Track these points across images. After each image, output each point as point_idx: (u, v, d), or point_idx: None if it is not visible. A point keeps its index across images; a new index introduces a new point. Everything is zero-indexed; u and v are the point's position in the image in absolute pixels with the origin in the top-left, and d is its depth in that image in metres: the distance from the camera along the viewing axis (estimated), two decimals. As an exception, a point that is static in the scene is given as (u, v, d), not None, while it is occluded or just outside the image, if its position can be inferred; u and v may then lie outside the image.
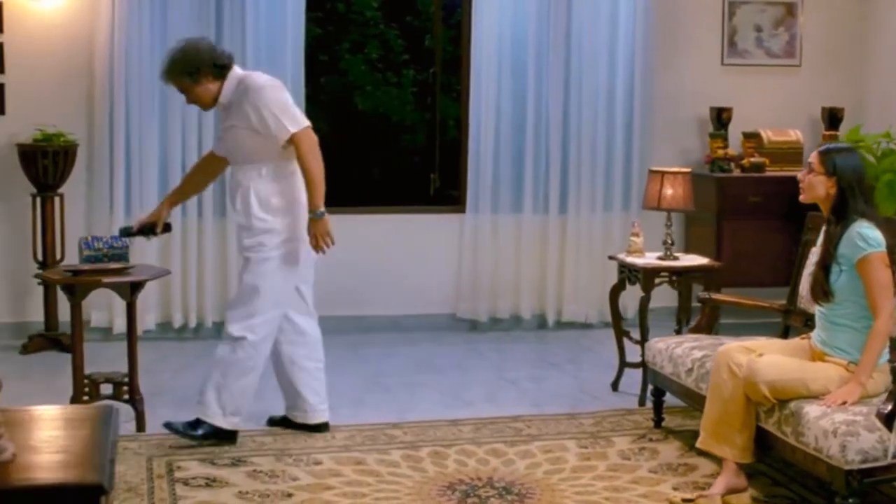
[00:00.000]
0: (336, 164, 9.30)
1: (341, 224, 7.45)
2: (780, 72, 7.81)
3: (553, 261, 7.58)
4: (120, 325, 7.11)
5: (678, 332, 5.97)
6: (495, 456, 5.00)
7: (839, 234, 4.44)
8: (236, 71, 5.14)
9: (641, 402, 5.79)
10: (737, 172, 7.37)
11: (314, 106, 9.07)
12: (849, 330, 4.44)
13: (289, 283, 5.19)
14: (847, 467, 4.05)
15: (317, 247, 5.13)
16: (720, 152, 7.32)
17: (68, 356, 6.53)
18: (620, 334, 6.12)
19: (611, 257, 6.31)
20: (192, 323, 7.25)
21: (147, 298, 7.05)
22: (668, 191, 5.92)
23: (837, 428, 4.08)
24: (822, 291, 4.46)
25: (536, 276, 7.60)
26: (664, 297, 6.55)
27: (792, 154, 7.49)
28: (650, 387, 5.49)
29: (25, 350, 6.80)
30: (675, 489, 4.63)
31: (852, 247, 4.38)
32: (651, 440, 5.24)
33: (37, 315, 6.97)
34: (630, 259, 6.01)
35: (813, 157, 4.54)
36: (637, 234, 6.07)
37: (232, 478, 4.69)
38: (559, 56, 7.43)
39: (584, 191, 7.55)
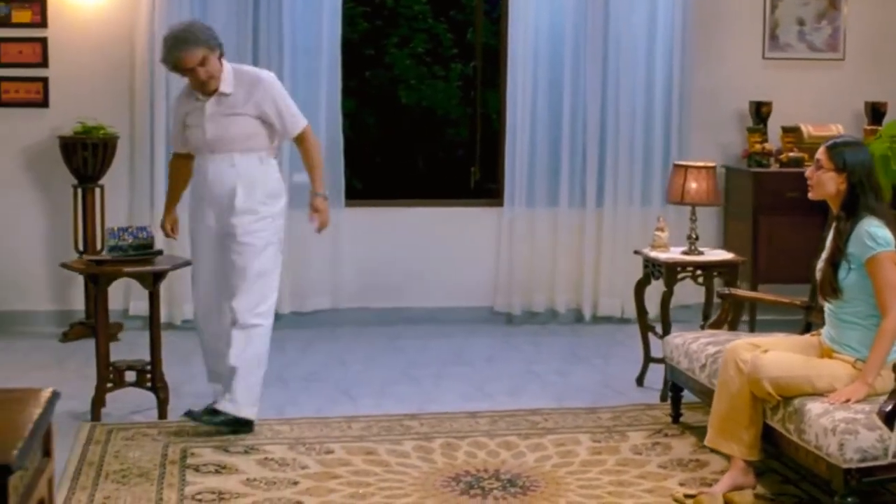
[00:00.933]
0: (382, 157, 9.49)
1: (381, 217, 7.61)
2: (822, 66, 7.71)
3: (589, 255, 7.57)
4: (162, 314, 7.24)
5: (703, 327, 5.93)
6: (507, 448, 5.02)
7: (849, 232, 4.38)
8: (224, 61, 5.24)
9: (663, 398, 5.75)
10: (775, 167, 7.29)
11: (360, 99, 9.18)
12: (857, 327, 4.38)
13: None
14: (846, 466, 4.00)
15: (323, 223, 5.41)
16: (758, 147, 7.25)
17: (111, 343, 6.75)
18: (645, 329, 6.10)
19: (636, 252, 6.29)
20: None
21: (187, 289, 7.18)
22: (693, 185, 5.88)
23: (837, 426, 4.04)
24: (831, 289, 4.40)
25: (573, 270, 7.60)
26: (699, 292, 6.50)
27: (833, 149, 7.37)
28: (668, 382, 5.47)
29: (66, 338, 6.96)
30: (681, 485, 4.62)
31: (861, 246, 4.32)
32: (666, 435, 5.22)
33: (78, 304, 7.13)
34: (653, 254, 5.98)
35: (821, 153, 4.47)
36: (662, 229, 6.04)
37: (242, 465, 4.77)
38: (596, 48, 7.41)
39: (621, 185, 7.52)
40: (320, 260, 7.42)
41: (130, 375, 5.52)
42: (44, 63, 7.09)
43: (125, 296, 7.25)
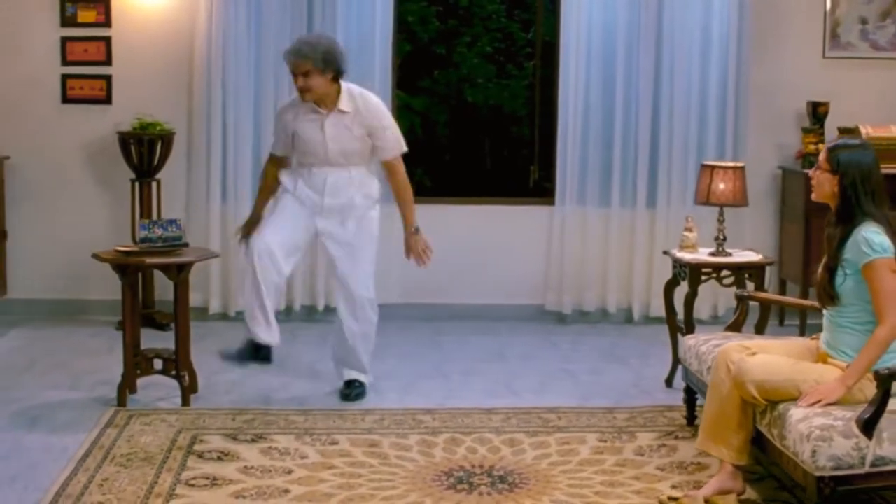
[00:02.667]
0: (451, 156, 9.58)
1: (432, 214, 7.66)
2: (886, 65, 7.50)
3: (640, 255, 7.51)
4: (216, 305, 7.49)
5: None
6: (509, 445, 5.05)
7: (844, 236, 4.29)
8: (342, 82, 5.63)
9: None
10: (830, 168, 7.11)
11: (429, 98, 9.27)
12: (853, 333, 4.29)
13: None
14: (818, 473, 3.93)
15: (422, 258, 5.89)
16: (812, 147, 7.09)
17: (159, 333, 7.01)
18: (674, 330, 6.05)
19: (664, 252, 6.24)
20: (281, 305, 7.51)
21: (238, 281, 7.37)
22: (720, 185, 5.81)
23: (812, 432, 3.97)
24: (828, 295, 4.31)
25: (623, 269, 7.56)
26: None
27: (893, 150, 7.17)
28: (683, 384, 5.43)
29: (121, 326, 7.19)
30: (673, 487, 4.59)
31: (857, 252, 4.21)
32: (676, 438, 5.18)
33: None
34: (679, 254, 5.94)
35: (821, 153, 4.40)
36: (690, 229, 5.99)
37: (245, 453, 4.90)
38: (650, 45, 7.34)
39: (674, 185, 7.45)
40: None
41: (158, 363, 5.70)
42: (107, 61, 7.35)
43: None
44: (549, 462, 4.85)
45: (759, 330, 5.73)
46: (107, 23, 7.33)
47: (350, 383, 5.84)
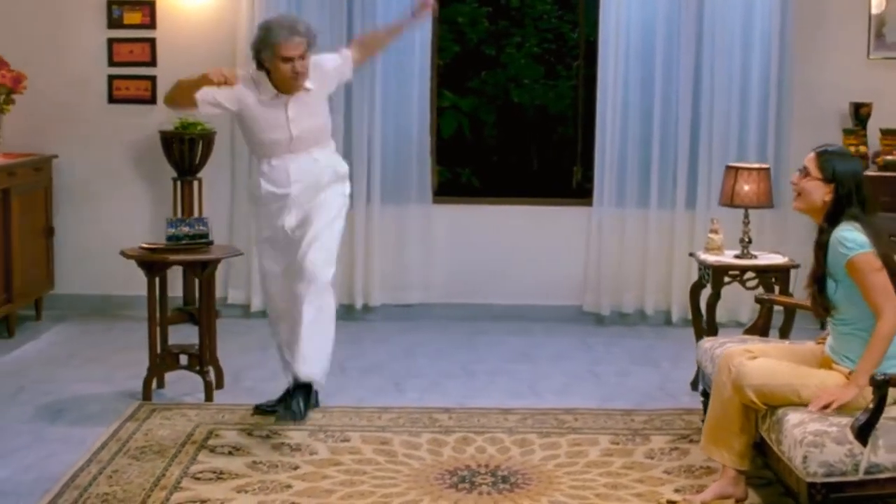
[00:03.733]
0: (499, 156, 9.57)
1: (472, 215, 7.72)
2: (932, 66, 7.36)
3: (679, 257, 7.45)
4: (257, 303, 7.57)
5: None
6: (519, 446, 5.06)
7: (825, 244, 4.21)
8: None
9: (708, 403, 5.66)
10: (872, 171, 7.00)
11: (478, 98, 9.29)
12: (856, 338, 4.20)
13: None
14: (809, 479, 3.89)
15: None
16: (852, 150, 6.97)
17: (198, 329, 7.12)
18: (700, 333, 5.99)
19: (690, 254, 6.20)
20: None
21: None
22: (745, 187, 5.75)
23: (805, 437, 3.92)
24: (822, 308, 4.25)
25: (662, 271, 7.50)
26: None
27: (937, 153, 7.05)
28: (700, 387, 5.39)
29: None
30: (676, 491, 4.56)
31: (835, 255, 4.15)
32: (690, 441, 5.13)
33: (177, 290, 7.51)
34: (703, 256, 5.89)
35: (809, 160, 4.30)
36: (716, 231, 5.94)
37: (256, 448, 4.98)
38: (690, 43, 7.27)
39: (713, 186, 7.33)
40: (412, 255, 7.59)
41: (185, 359, 5.82)
42: (152, 62, 7.51)
43: (224, 285, 7.59)
44: (555, 463, 4.85)
45: (784, 334, 5.67)
46: (152, 24, 7.48)
47: (294, 391, 5.18)
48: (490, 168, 9.51)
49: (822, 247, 4.21)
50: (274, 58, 5.09)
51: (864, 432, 3.89)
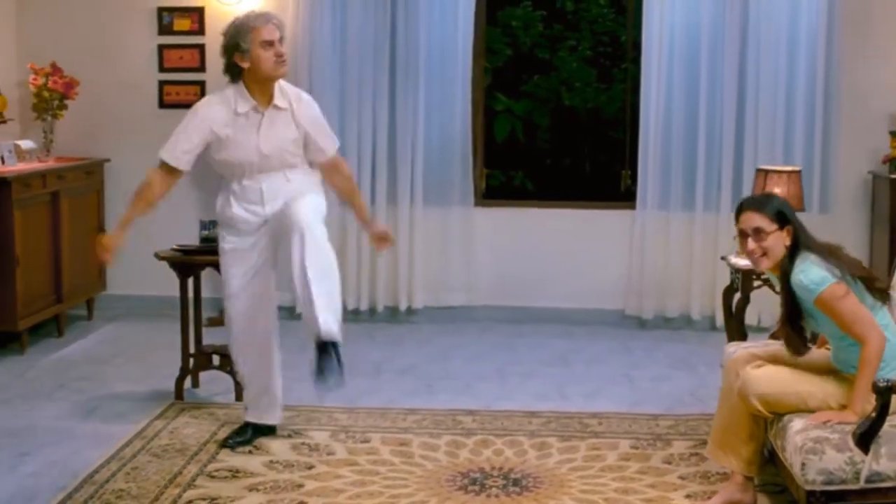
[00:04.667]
0: (552, 159, 9.56)
1: (515, 218, 7.73)
2: None
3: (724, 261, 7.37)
4: (303, 304, 7.65)
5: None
6: (537, 449, 5.06)
7: (788, 288, 4.18)
8: None
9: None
10: (918, 175, 6.86)
11: (531, 102, 9.30)
12: (855, 347, 4.13)
13: None
14: (808, 487, 3.85)
15: (387, 243, 5.53)
16: (897, 152, 6.86)
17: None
18: (732, 337, 5.93)
19: (722, 258, 6.13)
20: (364, 305, 7.66)
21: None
22: (775, 190, 5.68)
23: (805, 444, 3.89)
24: (802, 344, 4.23)
25: (707, 276, 7.42)
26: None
27: None
28: (723, 392, 5.33)
29: (210, 323, 7.44)
30: (688, 497, 4.53)
31: (803, 298, 4.13)
32: (713, 447, 5.09)
33: (218, 292, 7.61)
34: (734, 259, 5.83)
35: (752, 219, 4.20)
36: (747, 235, 5.86)
37: (276, 447, 5.05)
38: (734, 45, 7.18)
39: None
40: (456, 258, 7.62)
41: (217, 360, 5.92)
42: (201, 67, 7.65)
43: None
44: (570, 467, 4.85)
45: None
46: (200, 31, 7.62)
47: (323, 348, 4.70)
48: (543, 171, 9.50)
49: (788, 291, 4.17)
50: (254, 46, 4.81)
51: (865, 440, 3.84)
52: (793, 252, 4.17)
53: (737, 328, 5.74)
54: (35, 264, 6.70)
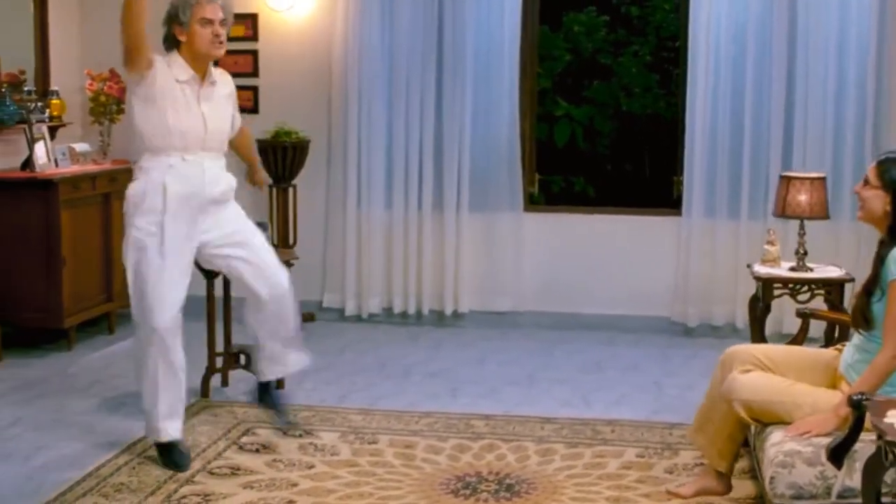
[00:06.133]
0: (612, 165, 9.48)
1: (562, 223, 7.72)
2: None
3: (771, 269, 7.25)
4: (352, 306, 7.77)
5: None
6: (540, 455, 5.05)
7: (885, 258, 4.02)
8: None
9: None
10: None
11: (593, 107, 9.26)
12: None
13: None
14: (777, 501, 3.78)
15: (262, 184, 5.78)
16: (950, 159, 6.63)
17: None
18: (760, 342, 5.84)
19: (748, 265, 6.04)
20: (412, 309, 7.72)
21: (372, 284, 7.68)
22: (801, 197, 5.57)
23: (776, 457, 3.82)
24: (863, 318, 4.06)
25: (752, 284, 7.24)
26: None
27: None
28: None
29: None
30: (679, 507, 4.49)
31: (887, 271, 3.97)
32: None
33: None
34: (756, 267, 5.74)
35: (871, 169, 4.11)
36: (772, 243, 5.79)
37: (283, 447, 5.13)
38: (781, 49, 7.06)
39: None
40: (502, 263, 7.64)
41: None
42: (255, 73, 7.80)
43: (320, 289, 7.83)
44: (567, 473, 4.83)
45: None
46: (254, 37, 7.78)
47: (272, 393, 5.33)
48: (604, 177, 9.45)
49: (880, 260, 4.03)
50: (192, 21, 4.77)
51: (838, 454, 3.75)
52: None
53: (758, 337, 5.64)
54: (84, 264, 6.91)
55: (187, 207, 4.84)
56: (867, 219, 4.17)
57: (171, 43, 4.88)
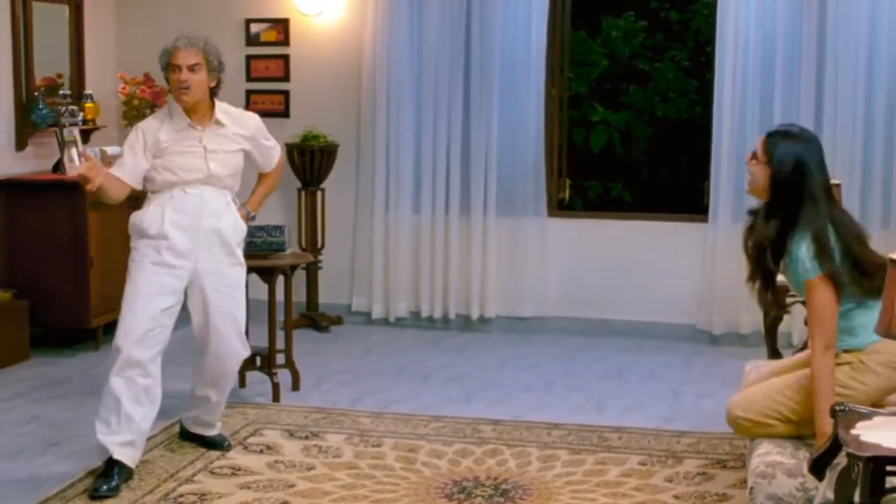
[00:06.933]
0: (648, 171, 9.41)
1: (588, 229, 7.69)
2: None
3: (799, 277, 7.16)
4: (379, 310, 7.81)
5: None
6: (542, 461, 5.04)
7: (778, 243, 4.07)
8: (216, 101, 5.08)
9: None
10: None
11: (630, 112, 9.21)
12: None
13: None
14: (756, 511, 3.75)
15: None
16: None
17: (319, 334, 7.45)
18: (774, 355, 5.77)
19: (763, 274, 5.95)
20: (438, 313, 7.73)
21: (399, 288, 7.71)
22: (815, 204, 5.48)
23: (757, 467, 3.79)
24: (774, 302, 4.18)
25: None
26: None
27: None
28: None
29: (282, 326, 7.67)
30: (673, 516, 4.46)
31: (799, 268, 4.03)
32: (724, 467, 4.98)
33: (299, 296, 7.83)
34: (770, 276, 5.66)
35: (760, 141, 4.15)
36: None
37: (287, 448, 5.18)
38: (811, 56, 6.98)
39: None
40: (528, 268, 7.63)
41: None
42: (286, 77, 7.88)
43: (349, 292, 7.88)
44: (566, 480, 4.82)
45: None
46: (286, 42, 7.86)
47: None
48: (640, 183, 9.39)
49: (764, 239, 4.09)
50: (167, 69, 4.88)
51: (819, 466, 3.70)
52: (782, 207, 4.04)
53: (770, 346, 5.58)
54: (112, 265, 6.98)
55: (183, 235, 4.85)
56: (754, 192, 4.19)
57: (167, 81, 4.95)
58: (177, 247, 4.83)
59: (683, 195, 9.24)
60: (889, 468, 3.03)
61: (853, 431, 3.20)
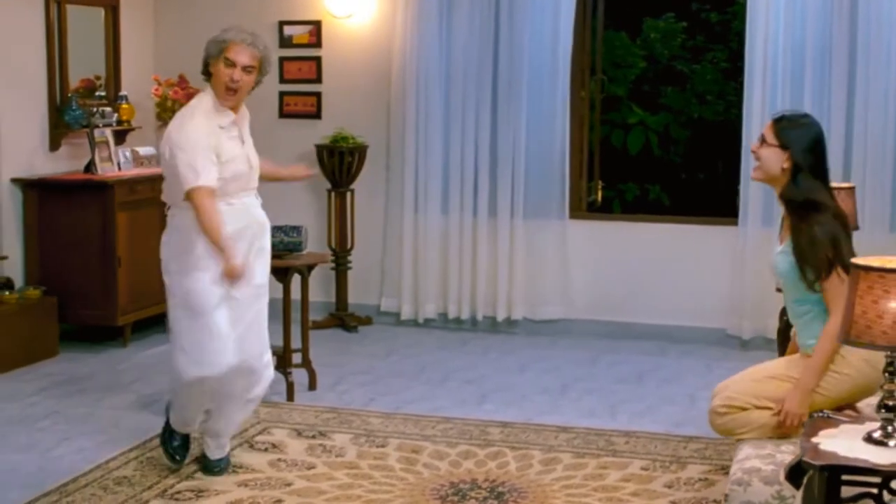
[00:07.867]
0: (687, 173, 9.32)
1: (615, 231, 7.66)
2: None
3: (829, 282, 7.05)
4: (408, 311, 7.84)
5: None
6: (543, 464, 5.03)
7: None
8: None
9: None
10: None
11: (669, 114, 9.13)
12: (817, 319, 4.11)
13: None
14: (732, 519, 3.71)
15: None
16: None
17: (347, 334, 7.51)
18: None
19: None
20: (466, 315, 7.74)
21: (428, 289, 7.73)
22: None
23: (734, 474, 3.75)
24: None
25: (810, 296, 7.11)
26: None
27: None
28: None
29: (315, 325, 7.74)
30: (665, 522, 4.43)
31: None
32: (727, 474, 4.87)
33: (329, 296, 7.90)
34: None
35: (767, 127, 4.21)
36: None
37: (292, 447, 5.23)
38: (842, 61, 6.88)
39: (868, 209, 6.91)
40: (555, 271, 7.60)
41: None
42: (318, 79, 7.95)
43: (378, 293, 7.92)
44: (564, 483, 4.80)
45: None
46: (318, 44, 7.92)
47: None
48: (678, 185, 9.31)
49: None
50: (218, 59, 4.66)
51: (796, 475, 3.65)
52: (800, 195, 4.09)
53: (781, 351, 5.50)
54: (140, 264, 7.11)
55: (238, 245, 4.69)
56: (763, 178, 4.24)
57: (205, 71, 4.79)
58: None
59: (720, 198, 9.16)
60: (845, 477, 2.98)
61: (814, 439, 3.15)
